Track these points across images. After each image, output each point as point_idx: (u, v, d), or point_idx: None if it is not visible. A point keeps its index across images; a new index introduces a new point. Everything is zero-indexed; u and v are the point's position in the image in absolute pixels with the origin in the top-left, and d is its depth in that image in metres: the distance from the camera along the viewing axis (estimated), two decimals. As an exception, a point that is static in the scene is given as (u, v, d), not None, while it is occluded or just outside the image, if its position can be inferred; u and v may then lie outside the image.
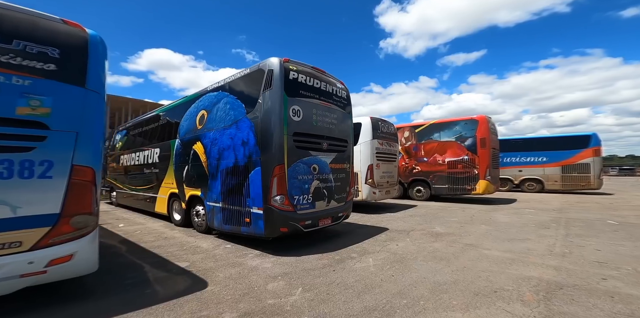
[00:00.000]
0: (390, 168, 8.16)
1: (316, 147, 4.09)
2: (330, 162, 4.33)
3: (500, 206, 8.64)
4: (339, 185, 4.49)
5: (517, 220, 6.20)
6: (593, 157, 11.99)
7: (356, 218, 6.71)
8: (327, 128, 4.29)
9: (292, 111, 3.71)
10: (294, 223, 3.70)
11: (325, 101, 4.30)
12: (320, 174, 4.10)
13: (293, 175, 3.67)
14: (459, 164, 9.37)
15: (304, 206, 3.83)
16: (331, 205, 4.33)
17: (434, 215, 6.99)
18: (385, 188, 7.81)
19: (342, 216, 4.66)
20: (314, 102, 4.08)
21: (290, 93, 3.74)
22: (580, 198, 10.91)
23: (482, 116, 9.20)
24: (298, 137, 3.80)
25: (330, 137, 4.35)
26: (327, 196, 4.25)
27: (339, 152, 4.56)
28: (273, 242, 4.19)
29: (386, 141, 7.93)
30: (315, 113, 4.09)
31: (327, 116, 4.29)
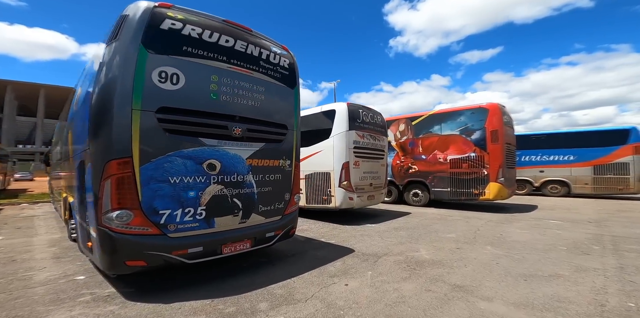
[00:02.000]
0: (375, 167, 6.62)
1: (217, 133, 2.66)
2: (250, 157, 2.88)
3: (516, 215, 6.92)
4: (268, 192, 3.05)
5: (540, 237, 4.54)
6: (633, 155, 9.97)
7: (324, 230, 5.23)
8: (244, 105, 2.85)
9: (157, 74, 2.30)
10: (162, 252, 2.29)
11: (241, 66, 2.86)
12: (226, 176, 2.67)
13: (157, 176, 2.25)
14: (464, 162, 7.70)
15: (185, 225, 2.40)
16: (251, 221, 2.89)
17: (426, 228, 5.41)
18: (367, 192, 6.27)
19: (275, 236, 3.19)
20: (214, 65, 2.64)
21: (159, 48, 2.33)
22: (619, 204, 8.96)
23: (494, 104, 7.51)
24: (170, 115, 2.38)
25: (250, 119, 2.91)
26: (243, 209, 2.81)
27: (270, 142, 3.12)
28: (144, 275, 2.81)
29: (369, 134, 6.41)
30: (218, 82, 2.65)
31: (243, 88, 2.85)
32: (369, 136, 6.37)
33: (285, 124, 3.26)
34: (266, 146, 3.02)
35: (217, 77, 2.62)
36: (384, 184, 7.02)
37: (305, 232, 5.10)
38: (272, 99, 3.12)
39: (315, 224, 5.90)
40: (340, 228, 5.50)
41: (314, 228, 5.50)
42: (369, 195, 6.35)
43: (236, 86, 2.77)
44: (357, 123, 6.06)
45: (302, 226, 5.62)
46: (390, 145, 9.58)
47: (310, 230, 5.33)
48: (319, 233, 5.06)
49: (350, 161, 5.80)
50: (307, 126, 6.85)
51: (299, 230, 5.23)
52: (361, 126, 6.16)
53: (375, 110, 6.98)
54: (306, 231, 5.16)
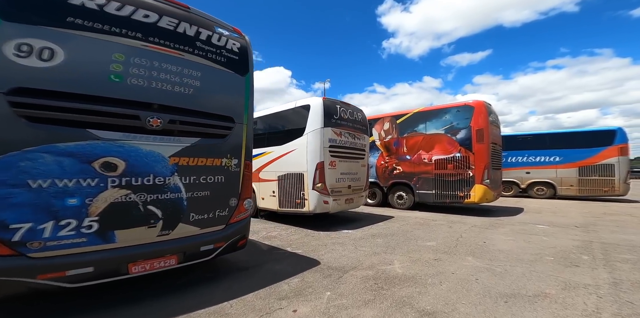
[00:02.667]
0: (355, 168, 6.18)
1: (121, 124, 2.13)
2: (176, 154, 2.36)
3: (501, 219, 6.62)
4: (205, 197, 2.54)
5: (525, 245, 4.19)
6: (619, 156, 9.91)
7: (294, 238, 4.75)
8: (168, 91, 2.32)
9: (19, 46, 1.77)
10: (20, 278, 1.76)
11: (166, 46, 2.34)
12: (134, 178, 2.14)
13: (5, 179, 1.72)
14: (449, 163, 7.37)
15: (61, 242, 1.87)
16: (178, 232, 2.38)
17: (406, 234, 5.00)
18: (345, 195, 5.83)
19: (216, 249, 2.68)
20: (119, 42, 2.11)
21: (20, 16, 1.81)
22: (605, 207, 8.84)
23: (479, 101, 7.21)
24: (36, 99, 1.85)
25: (176, 109, 2.40)
26: (163, 219, 2.30)
27: (209, 137, 2.61)
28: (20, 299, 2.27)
29: (348, 132, 5.97)
30: (124, 62, 2.12)
31: (168, 71, 2.32)
32: (347, 134, 5.93)
33: (230, 117, 2.75)
34: (202, 141, 2.51)
35: (124, 56, 2.10)
36: (364, 187, 6.59)
37: (272, 240, 4.61)
38: (213, 86, 2.61)
39: (288, 230, 5.42)
40: (313, 234, 5.04)
41: (284, 235, 5.02)
42: (347, 198, 5.91)
43: (157, 68, 2.25)
44: (333, 120, 5.60)
45: (271, 233, 5.13)
46: (374, 145, 9.21)
47: (279, 237, 4.84)
48: (288, 240, 4.58)
49: (325, 161, 5.34)
50: (280, 123, 6.36)
51: (267, 238, 4.74)
52: (338, 123, 5.72)
53: (355, 106, 6.55)
54: (274, 239, 4.67)
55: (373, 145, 9.22)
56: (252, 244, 4.39)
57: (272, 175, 5.94)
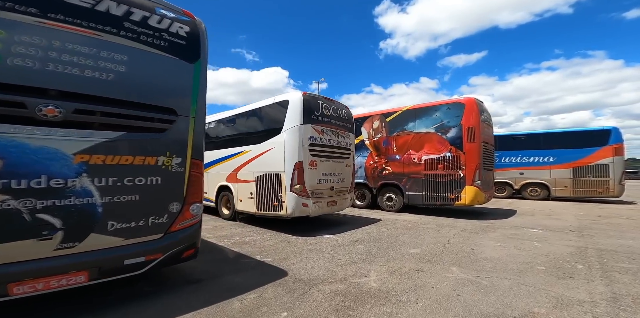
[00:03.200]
0: (338, 168, 5.84)
1: None
2: (85, 151, 1.96)
3: (493, 222, 6.33)
4: (131, 202, 2.16)
5: (516, 253, 3.88)
6: (613, 157, 9.73)
7: (268, 244, 4.39)
8: (77, 76, 1.94)
9: None
10: None
11: (74, 24, 1.95)
12: (16, 180, 1.75)
13: None
14: (439, 163, 7.07)
15: None
16: (89, 244, 2.00)
17: (390, 240, 4.67)
18: (327, 198, 5.48)
19: (149, 262, 2.28)
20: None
21: None
22: (600, 208, 8.63)
23: (470, 98, 6.92)
24: None
25: (89, 97, 2.01)
26: (65, 229, 1.92)
27: (138, 132, 2.23)
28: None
29: (331, 129, 5.62)
30: (4, 39, 1.73)
31: (78, 53, 1.92)
32: (329, 132, 5.58)
33: (172, 108, 2.38)
34: (127, 136, 2.13)
35: (3, 32, 1.71)
36: (349, 188, 6.25)
37: (243, 246, 4.25)
38: (147, 73, 2.24)
39: (264, 234, 5.06)
40: (290, 240, 4.68)
41: (259, 240, 4.65)
42: (330, 201, 5.56)
43: (58, 48, 1.87)
44: (314, 116, 5.25)
45: (245, 238, 4.77)
46: (363, 144, 8.89)
47: (252, 243, 4.48)
48: (260, 247, 4.21)
49: (304, 160, 4.98)
50: (258, 120, 5.99)
51: (238, 243, 4.37)
52: (320, 119, 5.36)
53: (340, 103, 6.20)
54: (245, 245, 4.30)
55: (362, 144, 8.91)
56: (218, 251, 4.03)
57: (250, 176, 5.57)
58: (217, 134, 6.95)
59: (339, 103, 6.13)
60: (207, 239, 4.72)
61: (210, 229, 5.54)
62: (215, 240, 4.63)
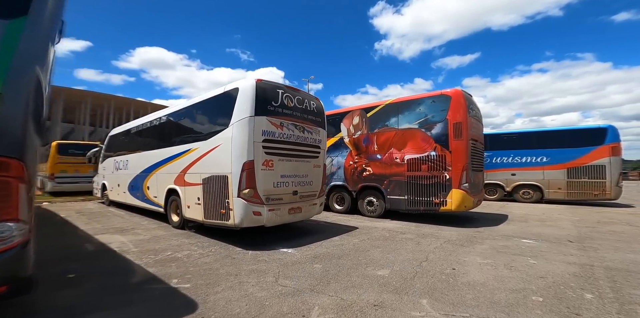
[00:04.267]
0: (304, 169, 5.05)
1: None
2: None
3: (481, 231, 5.64)
4: None
5: (506, 274, 3.15)
6: (610, 157, 9.23)
7: (203, 261, 3.56)
8: None
9: None
10: None
11: None
12: None
13: None
14: (423, 164, 6.36)
15: None
16: None
17: (358, 256, 3.90)
18: (288, 204, 4.68)
19: None
20: None
21: None
22: (597, 213, 8.07)
23: (457, 90, 6.23)
24: None
25: None
26: None
27: None
28: None
29: (294, 123, 4.83)
30: None
31: None
32: (292, 126, 4.79)
33: None
34: None
35: None
36: (318, 192, 5.47)
37: (166, 265, 3.41)
38: None
39: (207, 248, 4.22)
40: (236, 256, 3.86)
41: (194, 256, 3.82)
42: (293, 208, 4.76)
43: None
44: (271, 107, 4.45)
45: (179, 253, 3.94)
46: (343, 142, 8.15)
47: (182, 260, 3.64)
48: (189, 266, 3.38)
49: (256, 159, 4.17)
50: (207, 113, 5.15)
51: (164, 261, 3.53)
52: (279, 111, 4.57)
53: (308, 93, 5.43)
54: (170, 264, 3.46)
55: (341, 142, 8.17)
56: (123, 273, 3.19)
57: (197, 178, 4.73)
58: (165, 131, 6.10)
59: (306, 94, 5.35)
60: (127, 254, 3.88)
61: (144, 240, 4.68)
62: (134, 256, 3.79)
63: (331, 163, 8.41)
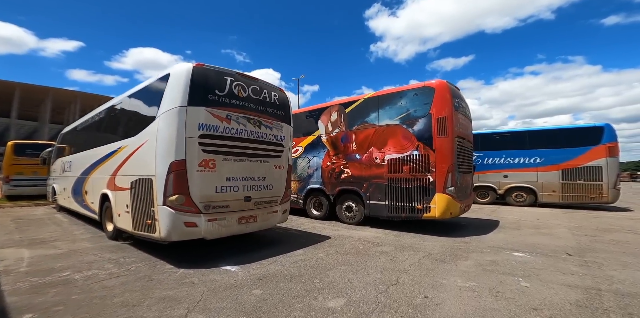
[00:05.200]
0: (261, 171, 4.34)
1: None
2: None
3: (468, 241, 5.01)
4: None
5: (490, 306, 2.49)
6: (607, 157, 8.77)
7: (109, 284, 2.80)
8: None
9: None
10: None
11: None
12: None
13: None
14: (405, 164, 5.72)
15: None
16: None
17: (313, 278, 3.20)
18: (238, 212, 3.96)
19: None
20: None
21: None
22: (595, 218, 7.55)
23: (441, 81, 5.62)
24: None
25: None
26: None
27: None
28: None
29: (246, 116, 4.12)
30: None
31: None
32: (244, 120, 4.08)
33: None
34: None
35: None
36: (280, 198, 4.76)
37: (45, 291, 2.64)
38: None
39: (127, 265, 3.47)
40: (159, 276, 3.13)
41: (100, 276, 3.06)
42: (244, 216, 4.04)
43: None
44: (214, 97, 3.73)
45: (84, 273, 3.17)
46: (320, 141, 7.48)
47: (81, 282, 2.89)
48: (78, 292, 2.63)
49: (190, 159, 3.44)
50: (138, 105, 4.40)
51: (47, 285, 2.76)
52: (225, 102, 3.86)
53: (269, 83, 4.73)
54: (57, 289, 2.70)
55: (319, 141, 7.50)
56: None
57: (126, 181, 3.99)
58: (102, 127, 5.33)
59: (266, 83, 4.66)
60: (6, 275, 3.12)
61: (51, 257, 3.91)
62: (12, 279, 3.06)
63: (308, 164, 7.75)
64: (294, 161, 8.11)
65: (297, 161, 8.04)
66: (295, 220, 7.48)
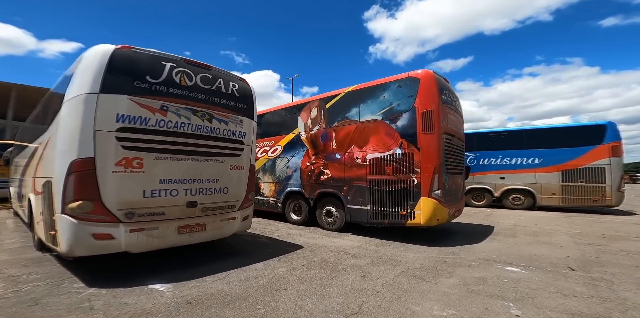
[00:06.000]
0: (213, 172, 3.76)
1: None
2: None
3: (456, 251, 4.45)
4: None
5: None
6: (610, 158, 8.27)
7: None
8: None
9: None
10: None
11: None
12: None
13: None
14: (387, 165, 5.16)
15: None
16: None
17: (260, 301, 2.62)
18: (181, 220, 3.37)
19: None
20: None
21: None
22: (598, 223, 7.03)
23: (427, 71, 5.07)
24: None
25: None
26: None
27: None
28: None
29: (190, 107, 3.54)
30: None
31: None
32: (187, 112, 3.49)
33: None
34: None
35: None
36: (240, 203, 4.17)
37: None
38: None
39: (25, 284, 2.85)
40: (53, 298, 2.53)
41: None
42: (186, 225, 3.45)
43: None
44: (143, 84, 3.14)
45: None
46: (300, 139, 6.92)
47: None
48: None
49: (101, 157, 2.82)
50: (54, 94, 3.79)
51: None
52: (160, 90, 3.27)
53: (225, 71, 4.16)
54: None
55: (298, 140, 6.94)
56: None
57: (39, 184, 3.38)
58: (35, 121, 4.74)
59: (222, 71, 4.11)
60: None
61: None
62: None
63: (287, 165, 7.18)
64: (272, 161, 7.55)
65: (275, 162, 7.49)
66: (272, 225, 6.92)
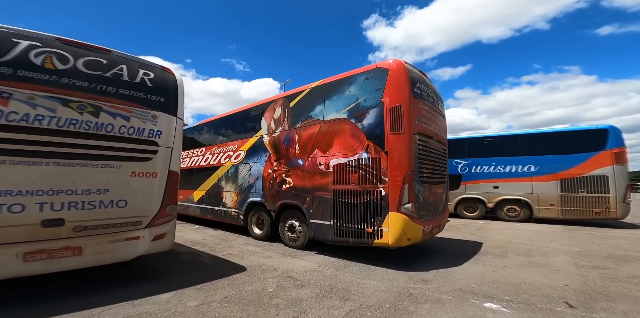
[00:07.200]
0: (99, 180, 3.03)
1: None
2: None
3: (429, 278, 3.69)
4: None
5: None
6: (613, 165, 7.63)
7: None
8: None
9: None
10: None
11: None
12: None
13: None
14: (352, 172, 4.44)
15: None
16: None
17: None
18: (31, 243, 2.61)
19: None
20: None
21: None
22: (603, 238, 6.30)
23: (397, 61, 4.40)
24: None
25: None
26: None
27: None
28: None
29: (50, 95, 2.83)
30: None
31: None
32: (50, 102, 2.78)
33: None
34: None
35: None
36: (148, 219, 3.39)
37: None
38: None
39: None
40: None
41: None
42: (43, 250, 2.67)
43: None
44: None
45: None
46: (262, 143, 6.21)
47: None
48: None
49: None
50: None
51: None
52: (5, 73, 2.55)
53: (130, 56, 3.47)
54: None
55: (261, 144, 6.23)
56: None
57: None
58: None
59: (126, 56, 3.43)
60: None
61: None
62: None
63: (249, 172, 6.46)
64: (235, 168, 6.82)
65: (238, 168, 6.77)
66: (229, 240, 6.16)
